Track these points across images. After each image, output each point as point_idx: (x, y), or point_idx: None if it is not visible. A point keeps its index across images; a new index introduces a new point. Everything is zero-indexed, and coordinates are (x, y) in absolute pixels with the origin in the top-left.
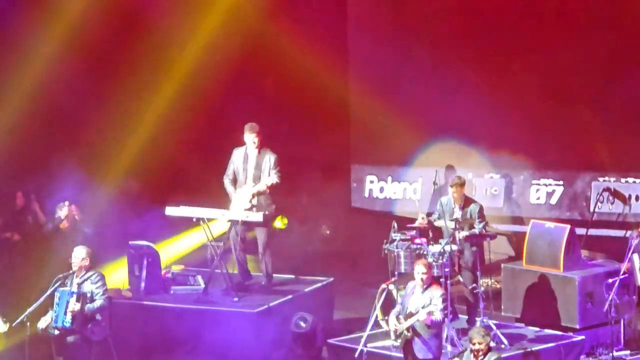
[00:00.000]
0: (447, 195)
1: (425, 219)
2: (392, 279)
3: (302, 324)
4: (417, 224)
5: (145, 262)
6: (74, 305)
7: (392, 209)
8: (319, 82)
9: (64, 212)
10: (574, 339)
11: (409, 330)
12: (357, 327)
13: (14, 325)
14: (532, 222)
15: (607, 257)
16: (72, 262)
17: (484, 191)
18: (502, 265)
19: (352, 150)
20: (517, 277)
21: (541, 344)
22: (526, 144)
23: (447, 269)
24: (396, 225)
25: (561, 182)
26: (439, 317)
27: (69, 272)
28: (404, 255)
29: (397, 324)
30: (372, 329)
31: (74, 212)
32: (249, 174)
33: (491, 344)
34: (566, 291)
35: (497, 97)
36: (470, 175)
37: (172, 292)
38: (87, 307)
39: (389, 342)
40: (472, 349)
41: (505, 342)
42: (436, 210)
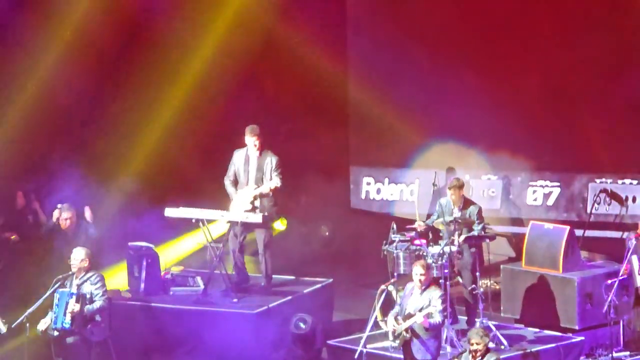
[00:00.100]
0: (447, 196)
1: (422, 225)
2: (392, 280)
3: (302, 325)
4: (415, 226)
5: (144, 263)
6: (73, 306)
7: (388, 211)
8: (318, 82)
9: (55, 215)
10: (573, 340)
11: (407, 331)
12: (357, 328)
13: (13, 326)
14: (531, 223)
15: (606, 258)
16: (72, 264)
17: (482, 192)
18: (502, 266)
19: (352, 151)
20: (516, 278)
21: (540, 345)
22: (523, 145)
23: (446, 270)
24: (395, 226)
25: (558, 184)
26: (438, 319)
27: (68, 273)
28: (403, 256)
29: (395, 325)
30: (371, 330)
31: (73, 214)
32: (251, 176)
33: (490, 344)
34: (565, 292)
35: (494, 98)
36: (467, 176)
37: (171, 293)
38: (87, 308)
39: (388, 343)
40: (470, 349)
41: (504, 343)
42: (435, 211)
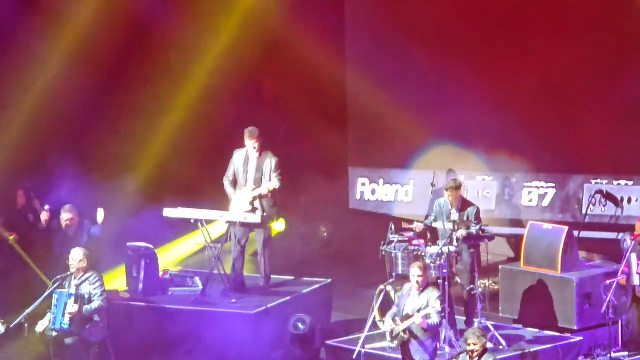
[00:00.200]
0: (445, 197)
1: (420, 226)
2: (390, 280)
3: (300, 325)
4: (414, 227)
5: (143, 263)
6: (72, 306)
7: (383, 211)
8: (317, 83)
9: (43, 217)
10: (572, 340)
11: (405, 332)
12: (355, 329)
13: (12, 327)
14: (530, 223)
15: (605, 258)
16: (70, 264)
17: (476, 193)
18: (500, 266)
19: (350, 152)
20: (515, 279)
21: (539, 345)
22: (518, 146)
23: (444, 271)
24: (393, 227)
25: (553, 185)
26: (436, 320)
27: (66, 273)
28: (402, 256)
29: (393, 326)
30: (370, 330)
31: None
32: (250, 177)
33: (488, 345)
34: (564, 292)
35: (490, 99)
36: (462, 177)
37: (170, 293)
38: (85, 309)
39: (386, 344)
40: (467, 349)
41: (503, 343)
42: (433, 211)
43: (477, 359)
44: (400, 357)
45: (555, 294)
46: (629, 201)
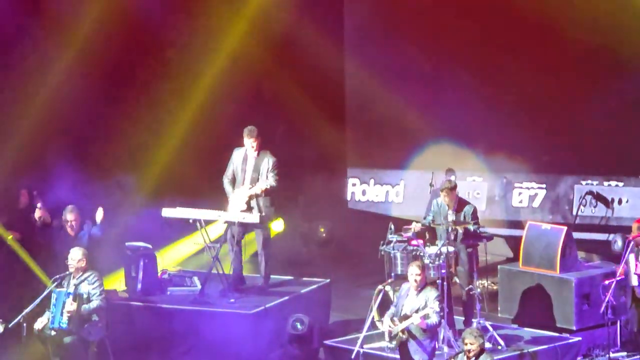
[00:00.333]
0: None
1: (418, 226)
2: (389, 280)
3: (299, 326)
4: (412, 227)
5: (141, 263)
6: (70, 306)
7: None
8: (316, 83)
9: (37, 214)
10: (571, 341)
11: (403, 332)
12: (354, 329)
13: (10, 326)
14: (528, 223)
15: (603, 258)
16: (69, 264)
17: (467, 194)
18: (499, 266)
19: (349, 152)
20: (513, 279)
21: (538, 346)
22: (509, 147)
23: (443, 271)
24: (392, 226)
25: (544, 185)
26: (435, 320)
27: (65, 273)
28: (401, 256)
29: (391, 326)
30: (368, 330)
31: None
32: (247, 176)
33: (487, 345)
34: (563, 293)
35: (482, 101)
36: (453, 177)
37: (168, 293)
38: (84, 308)
39: (385, 344)
40: (464, 349)
41: (501, 343)
42: (430, 210)
43: (474, 358)
44: (398, 357)
45: (553, 294)
46: (620, 202)
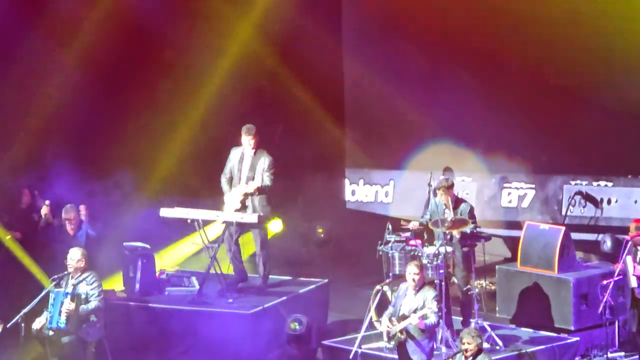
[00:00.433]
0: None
1: (416, 225)
2: (387, 280)
3: (297, 325)
4: (410, 226)
5: (139, 263)
6: (68, 305)
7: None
8: (315, 83)
9: (43, 211)
10: (569, 341)
11: (402, 332)
12: (352, 329)
13: (8, 326)
14: (526, 223)
15: (601, 259)
16: (68, 264)
17: (456, 194)
18: (497, 266)
19: (347, 152)
20: (511, 279)
21: (536, 346)
22: (498, 147)
23: (441, 271)
24: (390, 226)
25: (533, 186)
26: (434, 320)
27: (63, 273)
28: (399, 256)
29: (390, 326)
30: (366, 331)
31: (75, 215)
32: (243, 174)
33: (484, 345)
34: (561, 293)
35: (470, 100)
36: (441, 177)
37: (166, 293)
38: (82, 308)
39: (383, 344)
40: (462, 348)
41: (499, 343)
42: (428, 209)
43: (471, 358)
44: (396, 357)
45: (551, 295)
46: (609, 202)
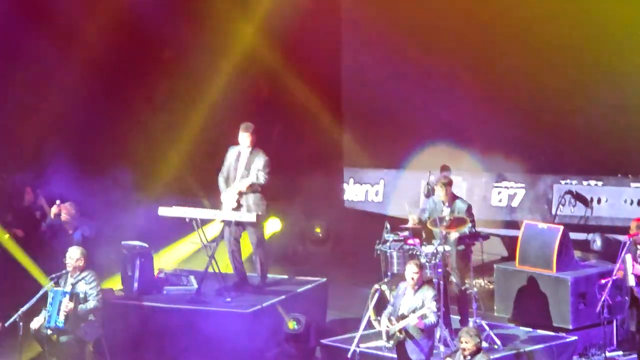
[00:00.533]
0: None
1: (415, 219)
2: (385, 279)
3: (295, 325)
4: (410, 225)
5: (138, 262)
6: (66, 304)
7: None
8: (314, 81)
9: (54, 210)
10: (567, 340)
11: (401, 332)
12: (350, 328)
13: (6, 325)
14: (525, 222)
15: (600, 258)
16: (67, 263)
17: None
18: (495, 265)
19: (345, 151)
20: (509, 278)
21: (534, 345)
22: (489, 146)
23: (439, 270)
24: (389, 225)
25: (523, 185)
26: (434, 319)
27: (62, 271)
28: (397, 255)
29: (389, 326)
30: (365, 330)
31: (74, 212)
32: (238, 173)
33: (483, 344)
34: (559, 292)
35: (461, 100)
36: (432, 177)
37: (165, 292)
38: (80, 308)
39: (381, 343)
40: (460, 347)
41: (498, 342)
42: (426, 209)
43: (469, 357)
44: (395, 356)
45: (550, 294)
46: (599, 201)
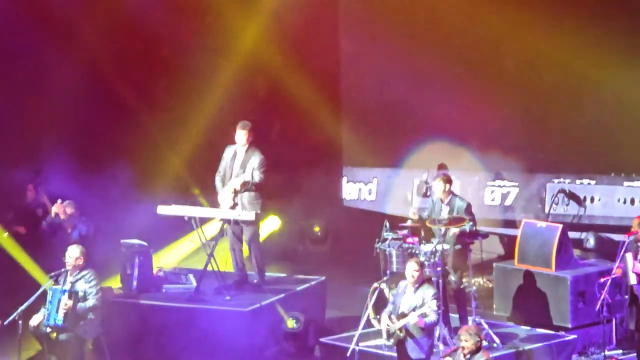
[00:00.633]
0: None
1: (415, 214)
2: (384, 278)
3: (294, 323)
4: (410, 223)
5: (137, 260)
6: (66, 303)
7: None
8: (312, 80)
9: (54, 209)
10: (566, 338)
11: (401, 330)
12: (350, 326)
13: (5, 323)
14: (524, 221)
15: (599, 256)
16: (66, 261)
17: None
18: (494, 264)
19: (345, 150)
20: (509, 277)
21: (533, 343)
22: (482, 145)
23: (439, 268)
24: (388, 224)
25: (516, 184)
26: (434, 318)
27: (61, 270)
28: (396, 254)
29: (389, 324)
30: (364, 328)
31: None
32: (234, 172)
33: (483, 343)
34: (558, 290)
35: (457, 99)
36: (425, 176)
37: (164, 290)
38: (80, 306)
39: (381, 342)
40: (460, 345)
41: (497, 341)
42: (426, 208)
43: (469, 356)
44: (394, 355)
45: (549, 292)
46: (592, 200)
